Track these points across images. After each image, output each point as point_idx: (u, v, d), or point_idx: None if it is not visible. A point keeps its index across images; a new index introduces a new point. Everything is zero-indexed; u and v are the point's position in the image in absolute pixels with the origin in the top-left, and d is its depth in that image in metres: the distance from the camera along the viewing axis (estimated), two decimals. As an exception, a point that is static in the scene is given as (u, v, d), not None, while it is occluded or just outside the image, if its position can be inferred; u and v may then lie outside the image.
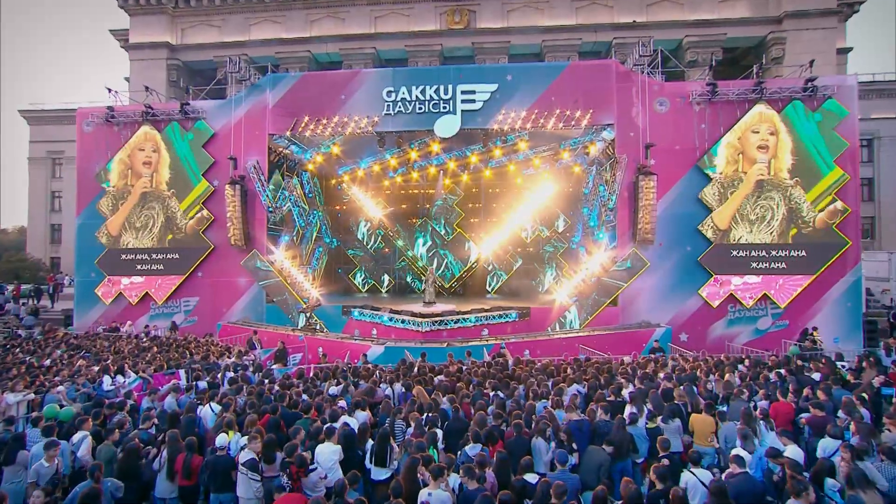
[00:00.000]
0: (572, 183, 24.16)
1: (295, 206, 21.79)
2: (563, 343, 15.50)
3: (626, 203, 18.19)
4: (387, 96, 18.86)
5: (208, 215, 19.46)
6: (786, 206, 17.11)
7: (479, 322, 17.20)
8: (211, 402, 8.28)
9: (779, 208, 17.04)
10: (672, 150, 17.92)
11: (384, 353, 13.90)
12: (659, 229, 17.49)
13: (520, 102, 18.47)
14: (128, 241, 19.64)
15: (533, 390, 9.36)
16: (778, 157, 17.16)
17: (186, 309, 19.59)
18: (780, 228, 17.11)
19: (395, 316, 17.14)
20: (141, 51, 30.35)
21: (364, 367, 11.48)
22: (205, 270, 19.65)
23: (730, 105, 17.59)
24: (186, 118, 19.51)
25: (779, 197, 17.10)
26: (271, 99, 19.39)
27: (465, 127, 18.69)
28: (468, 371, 10.99)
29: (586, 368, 11.17)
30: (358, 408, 8.44)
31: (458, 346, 14.17)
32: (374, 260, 26.52)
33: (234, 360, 11.87)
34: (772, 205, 17.10)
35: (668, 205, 17.88)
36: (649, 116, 17.92)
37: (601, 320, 18.23)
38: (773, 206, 17.07)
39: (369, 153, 22.84)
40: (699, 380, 9.97)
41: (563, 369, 11.08)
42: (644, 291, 18.14)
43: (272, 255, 19.66)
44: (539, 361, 11.84)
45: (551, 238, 24.94)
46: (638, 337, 16.64)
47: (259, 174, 18.58)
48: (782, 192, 17.13)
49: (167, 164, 19.49)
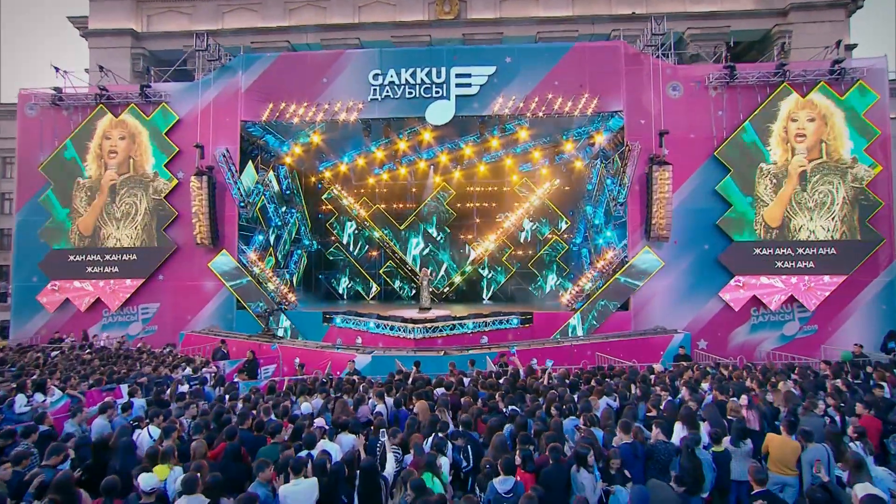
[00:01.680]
0: (573, 180, 22.89)
1: (270, 202, 20.07)
2: (575, 350, 14.02)
3: (638, 197, 16.89)
4: (373, 80, 17.40)
5: (171, 211, 17.63)
6: (845, 189, 16.00)
7: (477, 329, 15.61)
8: (150, 426, 6.56)
9: (838, 192, 15.88)
10: (686, 139, 16.69)
11: (371, 364, 12.24)
12: (673, 226, 16.18)
13: (520, 87, 17.16)
14: (109, 233, 17.61)
15: (555, 405, 7.84)
16: (830, 140, 16.04)
17: (145, 317, 17.64)
18: (843, 213, 15.93)
19: (382, 322, 15.48)
20: (101, 38, 28.38)
21: (347, 380, 9.81)
22: (167, 273, 17.75)
23: (749, 90, 16.46)
24: (147, 102, 17.74)
25: (837, 180, 15.96)
26: (244, 82, 17.76)
27: (459, 114, 17.31)
28: (473, 382, 9.40)
29: (612, 377, 9.69)
30: (341, 429, 6.79)
31: (456, 354, 12.58)
32: (359, 264, 24.81)
33: (191, 372, 10.10)
34: (831, 189, 15.94)
35: (684, 199, 16.61)
36: (662, 102, 16.71)
37: (610, 326, 16.82)
38: (833, 191, 15.91)
39: (353, 145, 21.29)
40: (751, 391, 8.52)
41: (587, 379, 9.56)
42: (658, 294, 16.78)
43: (244, 255, 17.88)
44: (556, 370, 10.30)
45: (551, 239, 23.55)
46: (654, 344, 15.24)
47: (229, 163, 16.86)
48: (840, 175, 16.03)
49: (149, 149, 17.63)
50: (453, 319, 15.43)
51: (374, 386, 9.39)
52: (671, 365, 10.83)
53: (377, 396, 8.53)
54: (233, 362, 12.17)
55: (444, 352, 12.73)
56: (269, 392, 9.05)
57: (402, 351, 13.09)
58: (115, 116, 17.61)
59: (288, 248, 21.97)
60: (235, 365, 12.03)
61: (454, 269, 23.97)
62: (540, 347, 13.72)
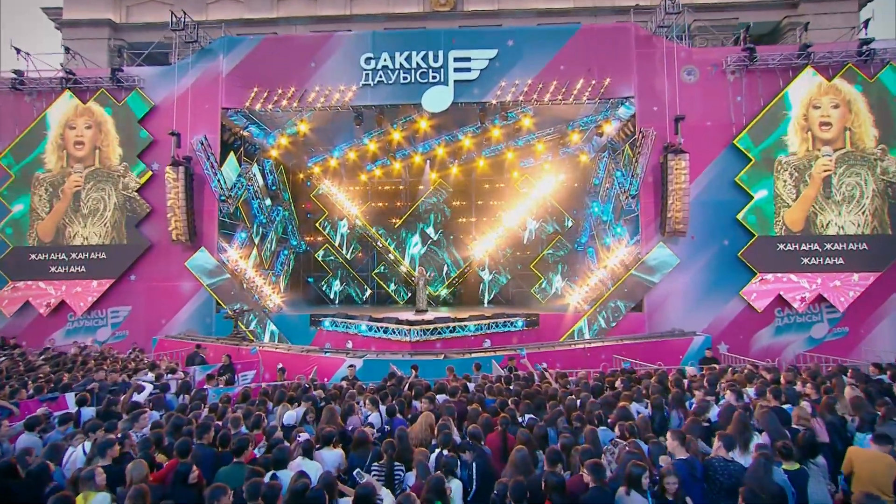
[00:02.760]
0: (578, 175, 21.88)
1: (254, 198, 18.88)
2: (588, 354, 12.87)
3: (651, 189, 15.86)
4: (365, 63, 16.34)
5: (144, 206, 16.39)
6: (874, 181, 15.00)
7: (479, 331, 14.45)
8: (85, 443, 5.35)
9: (867, 184, 14.90)
10: (703, 128, 15.72)
11: (363, 369, 11.04)
12: (690, 220, 15.14)
13: (523, 71, 16.16)
14: (75, 231, 16.29)
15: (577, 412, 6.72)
16: (855, 128, 15.10)
17: (115, 321, 16.32)
18: (873, 206, 14.91)
19: (375, 324, 14.29)
20: (77, 29, 27.20)
21: (335, 385, 8.62)
22: (139, 273, 16.47)
23: (770, 74, 15.53)
24: (119, 87, 16.56)
25: (865, 172, 14.98)
26: (225, 66, 16.64)
27: (458, 100, 16.26)
28: (479, 388, 8.23)
29: (640, 380, 8.56)
30: (325, 444, 5.61)
31: (458, 357, 11.42)
32: (350, 266, 23.60)
33: (154, 379, 8.86)
34: (859, 181, 14.96)
35: (701, 191, 15.59)
36: (676, 88, 15.75)
37: (623, 329, 15.72)
38: (861, 183, 14.93)
39: (344, 138, 20.20)
40: (804, 396, 7.40)
41: (611, 383, 8.42)
42: (674, 294, 15.71)
43: (224, 254, 16.67)
44: (574, 374, 9.16)
45: (554, 239, 22.49)
46: (672, 347, 14.12)
47: (208, 153, 15.68)
48: (868, 166, 15.04)
49: (116, 139, 16.38)
50: (453, 321, 14.26)
51: (365, 392, 8.21)
52: (702, 368, 9.72)
53: (370, 404, 7.36)
54: (207, 367, 10.93)
55: (444, 355, 11.57)
56: (243, 400, 7.84)
57: (396, 355, 11.90)
58: (82, 103, 16.39)
59: (274, 248, 20.77)
60: (209, 371, 10.78)
61: (452, 271, 22.82)
62: (550, 350, 12.56)
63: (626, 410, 6.53)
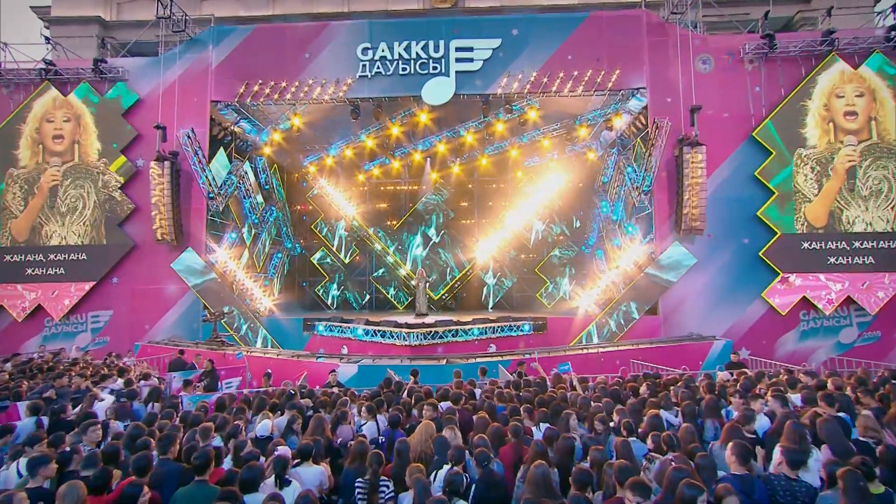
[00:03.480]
0: (585, 174, 21.13)
1: (246, 197, 18.12)
2: (602, 358, 12.03)
3: (666, 185, 15.11)
4: (362, 54, 15.66)
5: (128, 203, 15.63)
6: None
7: (484, 335, 13.61)
8: (21, 459, 4.54)
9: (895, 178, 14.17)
10: (720, 120, 15.00)
11: (358, 375, 10.22)
12: (707, 217, 14.37)
13: (528, 62, 15.48)
14: (53, 230, 15.50)
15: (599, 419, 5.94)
16: (881, 119, 14.38)
17: (95, 326, 15.50)
18: None
19: (372, 328, 13.47)
20: (66, 26, 26.58)
21: (324, 392, 7.79)
22: (122, 275, 15.67)
23: (792, 62, 14.83)
24: (102, 79, 15.86)
25: (893, 165, 14.22)
26: (215, 57, 15.96)
27: (460, 92, 15.56)
28: (486, 394, 7.40)
29: (666, 386, 7.73)
30: (305, 458, 4.79)
31: (462, 363, 10.57)
32: (348, 270, 22.79)
33: (123, 386, 8.03)
34: (886, 175, 14.21)
35: (718, 187, 14.82)
36: (691, 77, 15.05)
37: (636, 333, 14.90)
38: (889, 177, 14.18)
39: (341, 135, 19.49)
40: (860, 404, 6.57)
41: (634, 390, 7.59)
42: (691, 296, 14.89)
43: (213, 255, 15.88)
44: (592, 379, 8.33)
45: (560, 241, 21.70)
46: (691, 352, 13.28)
47: (195, 146, 14.93)
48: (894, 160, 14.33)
49: (94, 132, 15.65)
50: (455, 324, 13.44)
51: (359, 398, 7.38)
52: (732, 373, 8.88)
53: (367, 412, 6.55)
54: (188, 374, 10.10)
55: (446, 360, 10.74)
56: (219, 408, 7.02)
57: (395, 360, 11.06)
58: (63, 95, 15.68)
59: (267, 251, 19.98)
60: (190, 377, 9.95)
61: (456, 274, 22.00)
62: (561, 355, 11.72)
63: (658, 419, 5.73)
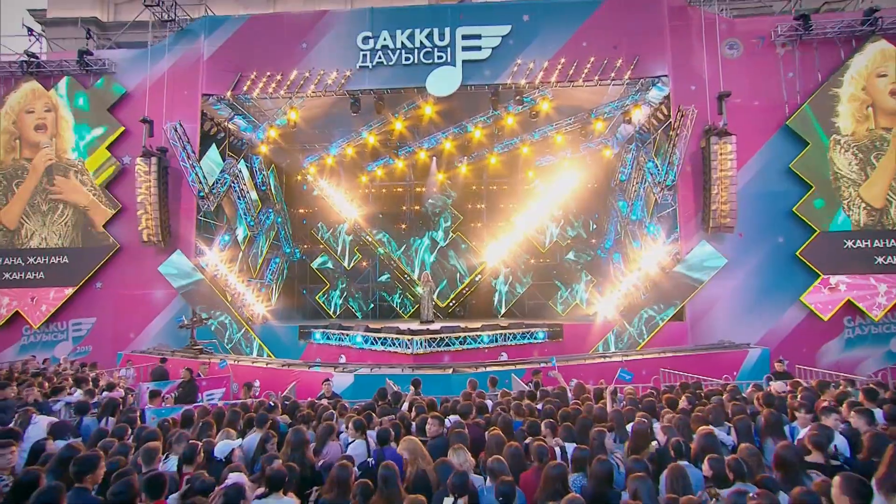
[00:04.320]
0: (600, 172, 20.19)
1: (241, 198, 17.29)
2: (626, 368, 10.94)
3: (691, 179, 14.12)
4: (363, 43, 14.90)
5: (113, 203, 14.86)
6: None
7: (494, 343, 12.59)
8: None
9: None
10: (749, 108, 14.01)
11: (354, 386, 9.23)
12: (737, 214, 13.33)
13: (540, 50, 14.63)
14: (32, 231, 14.75)
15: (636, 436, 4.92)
16: None
17: (77, 335, 14.65)
18: None
19: (372, 335, 12.49)
20: (62, 28, 26.15)
21: (311, 404, 6.81)
22: (106, 279, 14.85)
23: (829, 45, 13.85)
24: (87, 72, 15.21)
25: None
26: (207, 49, 15.25)
27: (467, 83, 14.73)
28: (501, 406, 6.38)
29: (708, 397, 6.69)
30: (276, 489, 3.81)
31: (470, 371, 9.56)
32: (350, 276, 21.87)
33: (83, 397, 7.10)
34: None
35: (748, 181, 13.81)
36: (718, 63, 14.10)
37: (660, 340, 13.81)
38: None
39: (341, 132, 18.70)
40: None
41: (670, 402, 6.53)
42: (721, 300, 13.81)
43: (203, 258, 15.04)
44: (620, 390, 7.29)
45: (573, 245, 20.66)
46: (723, 361, 12.17)
47: (183, 141, 14.15)
48: None
49: (70, 125, 14.97)
50: (464, 331, 12.43)
51: (348, 412, 6.40)
52: (787, 384, 7.79)
53: (354, 428, 5.54)
54: (164, 384, 9.17)
55: (452, 370, 9.73)
56: (186, 423, 6.07)
57: (396, 369, 10.07)
58: (45, 89, 15.03)
59: (264, 255, 19.12)
60: (166, 387, 9.02)
61: (464, 279, 20.98)
62: (580, 363, 10.65)
63: (713, 439, 4.67)
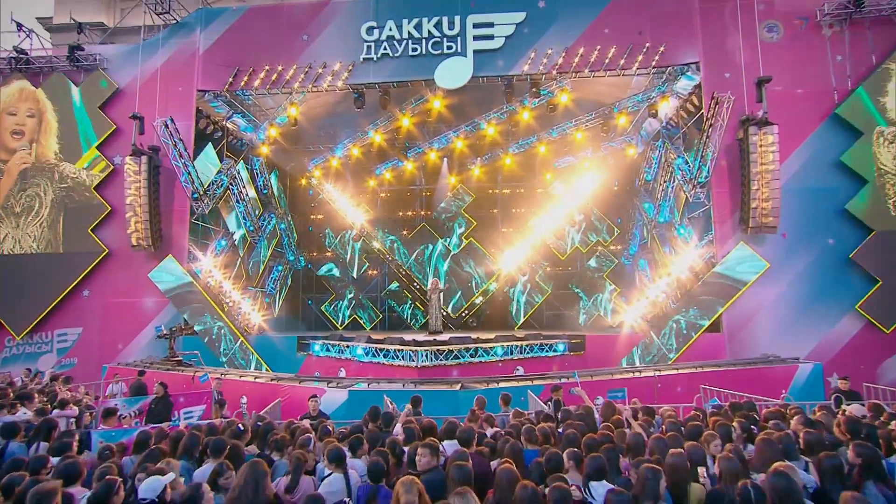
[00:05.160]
0: (623, 173, 19.12)
1: (240, 201, 16.54)
2: (659, 384, 9.78)
3: (726, 176, 12.97)
4: (367, 34, 14.14)
5: (102, 205, 14.19)
6: None
7: (508, 356, 11.50)
8: None
9: None
10: (791, 97, 12.84)
11: (347, 403, 8.23)
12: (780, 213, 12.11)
13: (558, 38, 13.72)
14: (5, 233, 14.16)
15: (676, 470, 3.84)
16: None
17: (62, 346, 13.92)
18: None
19: (374, 347, 11.49)
20: (67, 34, 26.09)
21: (287, 426, 5.81)
22: (94, 287, 14.14)
23: (884, 24, 12.66)
24: (77, 69, 14.67)
25: None
26: (203, 42, 14.64)
27: (479, 74, 13.87)
28: (510, 430, 5.31)
29: (766, 420, 5.53)
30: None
31: (481, 388, 8.50)
32: (358, 286, 20.94)
33: (32, 417, 6.21)
34: None
35: (792, 176, 12.60)
36: (756, 48, 12.99)
37: (695, 353, 12.58)
38: None
39: (347, 132, 17.97)
40: None
41: (723, 427, 5.38)
42: (763, 309, 12.56)
43: (197, 263, 14.26)
44: (656, 411, 6.16)
45: (596, 251, 19.50)
46: (769, 377, 10.85)
47: (175, 138, 13.42)
48: None
49: (53, 131, 14.41)
50: (475, 342, 11.37)
51: (329, 438, 5.38)
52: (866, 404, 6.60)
53: (329, 459, 4.52)
54: (133, 402, 8.25)
55: (461, 385, 8.68)
56: (138, 449, 5.12)
57: (397, 384, 9.04)
58: (35, 87, 14.53)
59: (265, 262, 18.33)
60: (136, 404, 8.11)
61: (478, 287, 19.89)
62: (607, 378, 9.48)
63: (791, 483, 3.52)
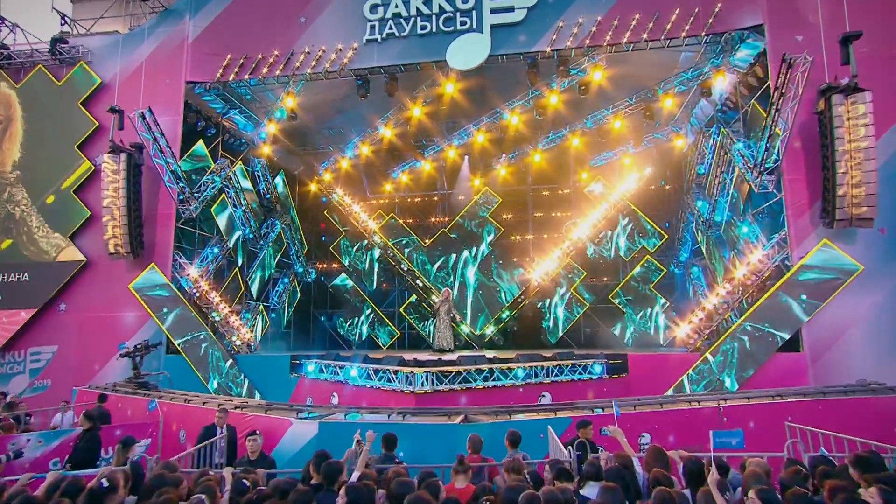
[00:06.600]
0: (671, 170, 17.17)
1: (236, 205, 15.32)
2: (725, 419, 7.69)
3: (802, 159, 10.86)
4: (370, 13, 12.83)
5: (82, 209, 13.19)
6: None
7: (532, 379, 9.62)
8: None
9: None
10: (884, 59, 10.68)
11: (317, 439, 6.56)
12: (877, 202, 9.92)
13: (589, 5, 12.09)
14: None
15: None
16: None
17: (35, 366, 12.82)
18: None
19: (370, 368, 9.81)
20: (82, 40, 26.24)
21: (201, 477, 4.17)
22: (71, 301, 13.06)
23: None
24: (60, 62, 13.89)
25: None
26: (192, 30, 13.62)
27: (497, 52, 12.34)
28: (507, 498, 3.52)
29: None
30: None
31: (485, 420, 6.70)
32: (374, 301, 19.38)
33: None
34: None
35: (891, 158, 10.41)
36: (835, 2, 10.95)
37: (766, 379, 10.42)
38: None
39: (355, 129, 16.67)
40: None
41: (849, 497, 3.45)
42: (856, 324, 10.29)
43: (183, 273, 13.02)
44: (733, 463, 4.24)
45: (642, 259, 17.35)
46: (870, 409, 8.56)
47: (154, 132, 12.22)
48: None
49: (19, 138, 13.61)
50: (489, 362, 9.55)
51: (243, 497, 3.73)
52: None
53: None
54: (54, 435, 6.83)
55: (464, 417, 6.90)
56: None
57: (392, 413, 7.25)
58: (15, 86, 13.82)
59: (269, 274, 17.03)
60: (56, 440, 6.67)
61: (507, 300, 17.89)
62: (656, 410, 7.46)
63: None
